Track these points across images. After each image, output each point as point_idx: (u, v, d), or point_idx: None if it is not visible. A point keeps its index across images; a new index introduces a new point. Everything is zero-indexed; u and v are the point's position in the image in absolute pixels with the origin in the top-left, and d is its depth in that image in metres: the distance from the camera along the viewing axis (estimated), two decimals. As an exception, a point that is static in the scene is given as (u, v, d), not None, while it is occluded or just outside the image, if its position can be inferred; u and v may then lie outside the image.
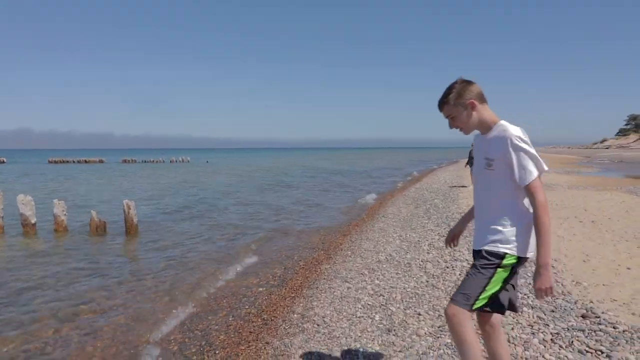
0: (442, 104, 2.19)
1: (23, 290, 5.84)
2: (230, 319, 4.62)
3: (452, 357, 3.18)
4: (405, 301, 4.45)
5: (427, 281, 5.06)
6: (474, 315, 2.23)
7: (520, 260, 2.11)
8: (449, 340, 3.44)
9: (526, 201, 2.08)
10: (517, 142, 2.00)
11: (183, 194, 18.54)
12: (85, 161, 62.17)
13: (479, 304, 2.10)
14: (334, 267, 6.22)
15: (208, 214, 12.63)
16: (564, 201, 11.39)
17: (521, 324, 3.65)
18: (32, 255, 8.01)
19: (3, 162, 60.04)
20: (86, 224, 10.25)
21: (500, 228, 2.10)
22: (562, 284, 4.66)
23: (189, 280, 6.24)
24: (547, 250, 1.98)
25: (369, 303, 4.50)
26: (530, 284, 4.71)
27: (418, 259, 6.09)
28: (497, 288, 2.11)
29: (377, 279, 5.36)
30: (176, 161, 62.28)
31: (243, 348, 3.76)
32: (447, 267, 5.53)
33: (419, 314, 4.05)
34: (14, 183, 23.88)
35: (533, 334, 3.44)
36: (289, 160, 63.14)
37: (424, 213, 10.48)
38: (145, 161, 62.85)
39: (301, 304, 4.73)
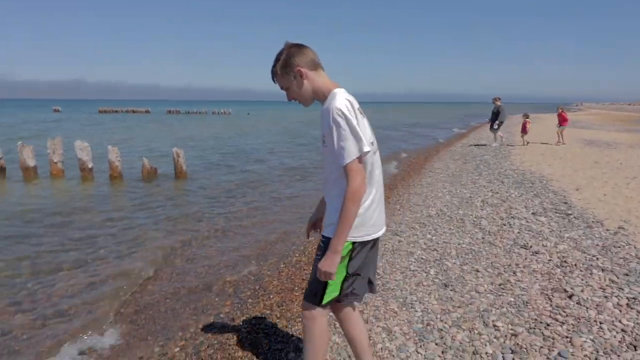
0: (272, 74, 1.91)
1: (86, 231, 6.16)
2: (281, 265, 4.66)
3: (516, 315, 3.05)
4: (461, 257, 4.31)
5: (483, 238, 4.86)
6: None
7: (360, 244, 1.87)
8: (512, 299, 3.29)
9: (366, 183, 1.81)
10: (335, 116, 1.71)
11: (229, 144, 18.81)
12: (133, 111, 64.16)
13: (327, 298, 1.93)
14: (383, 220, 6.11)
15: (253, 164, 12.76)
16: (628, 160, 10.61)
17: (591, 286, 3.43)
18: (91, 198, 8.41)
19: (58, 111, 63.03)
20: (138, 169, 10.60)
21: (333, 212, 1.83)
22: (634, 247, 4.34)
23: (238, 225, 6.35)
24: (341, 239, 1.77)
25: (423, 257, 4.39)
26: (597, 245, 4.43)
27: (471, 215, 5.87)
28: (341, 277, 1.91)
29: (429, 233, 5.22)
30: (218, 113, 63.10)
31: (297, 294, 3.79)
32: (504, 225, 5.29)
33: (477, 271, 3.91)
34: (69, 131, 25.05)
35: (606, 297, 3.23)
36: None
37: (473, 169, 10.08)
38: (188, 112, 64.06)
39: (352, 255, 4.69)
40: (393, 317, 3.16)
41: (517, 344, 2.69)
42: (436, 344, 2.76)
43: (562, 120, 15.10)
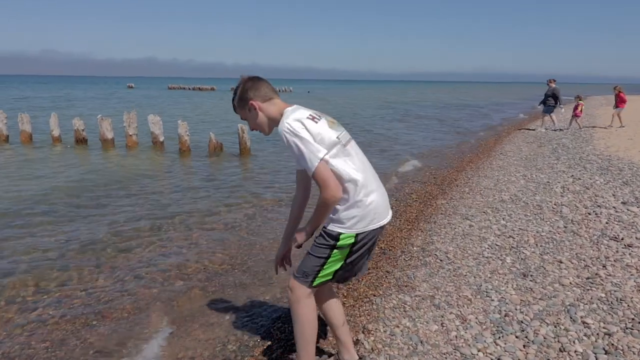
0: (233, 106, 2.08)
1: (158, 200, 6.47)
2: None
3: (608, 313, 2.76)
4: (541, 246, 3.99)
5: (565, 227, 4.48)
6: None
7: (364, 235, 1.92)
8: (603, 295, 2.99)
9: (352, 175, 1.87)
10: (288, 136, 1.82)
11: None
12: (199, 88, 66.65)
13: (318, 281, 2.00)
14: (451, 203, 5.85)
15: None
16: None
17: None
18: (163, 169, 8.84)
19: (132, 87, 67.00)
20: (205, 144, 10.97)
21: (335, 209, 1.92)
22: None
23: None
24: (308, 234, 1.98)
25: (497, 244, 4.13)
26: None
27: (550, 202, 5.43)
28: (337, 266, 1.99)
29: (503, 219, 4.90)
30: (280, 90, 63.72)
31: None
32: (589, 214, 4.84)
33: (560, 262, 3.60)
34: (142, 105, 26.49)
35: None
36: (389, 93, 61.07)
37: (550, 153, 9.36)
38: (251, 89, 65.34)
39: (420, 237, 4.52)
40: (467, 305, 2.99)
41: (612, 344, 2.43)
42: (516, 337, 2.56)
43: (620, 102, 13.51)
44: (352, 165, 1.90)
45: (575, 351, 2.37)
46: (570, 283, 3.22)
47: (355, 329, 2.81)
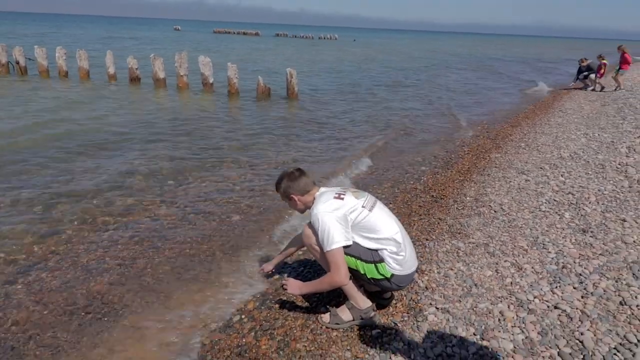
0: (276, 190, 2.44)
1: (212, 141, 6.65)
2: (396, 190, 4.61)
3: (675, 273, 2.67)
4: (603, 204, 3.85)
5: (630, 187, 4.27)
6: None
7: (394, 277, 2.19)
8: (670, 255, 2.88)
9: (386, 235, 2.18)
10: (318, 219, 2.14)
11: (337, 68, 18.58)
12: (244, 33, 65.94)
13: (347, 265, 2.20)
14: (506, 157, 5.67)
15: (360, 91, 12.52)
16: None
17: None
18: (214, 111, 9.00)
19: (178, 29, 67.17)
20: (253, 88, 11.00)
21: None
22: None
23: (347, 150, 6.37)
24: (309, 291, 2.25)
25: (555, 199, 4.01)
26: None
27: (614, 162, 5.16)
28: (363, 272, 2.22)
29: (562, 175, 4.73)
30: (324, 38, 62.14)
31: (415, 219, 3.73)
32: (658, 175, 4.58)
33: (624, 220, 3.47)
34: (189, 48, 26.63)
35: None
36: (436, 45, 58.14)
37: (615, 112, 8.76)
38: (295, 36, 64.06)
39: (472, 188, 4.46)
40: (522, 255, 2.98)
41: (677, 302, 2.37)
42: (574, 288, 2.55)
43: (624, 63, 12.04)
44: (383, 228, 2.19)
45: (637, 305, 2.34)
46: (634, 241, 3.11)
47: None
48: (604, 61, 12.33)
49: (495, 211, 3.80)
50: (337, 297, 2.53)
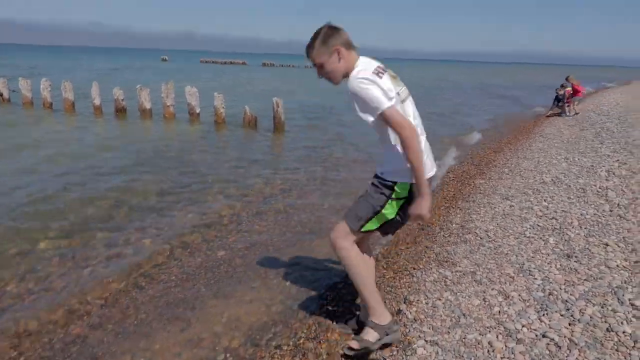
0: (309, 48, 2.02)
1: (196, 171, 6.64)
2: (383, 219, 4.61)
3: (658, 297, 2.70)
4: (586, 228, 3.90)
5: (611, 210, 4.35)
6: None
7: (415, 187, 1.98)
8: (653, 279, 2.92)
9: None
10: (361, 85, 1.86)
11: (323, 97, 18.87)
12: (231, 62, 66.89)
13: (367, 228, 2.12)
14: (490, 182, 5.76)
15: (346, 119, 12.71)
16: None
17: None
18: (199, 140, 9.01)
19: (165, 60, 67.87)
20: (240, 117, 11.08)
21: (387, 161, 2.09)
22: None
23: (336, 175, 6.40)
24: (422, 181, 1.91)
25: (539, 224, 4.06)
26: None
27: (595, 185, 5.27)
28: (389, 218, 2.10)
29: (545, 200, 4.80)
30: (310, 67, 63.21)
31: (402, 248, 3.74)
32: (637, 198, 4.67)
33: (607, 244, 3.52)
34: (176, 78, 26.84)
35: None
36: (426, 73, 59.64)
37: (593, 136, 9.00)
38: (282, 65, 65.15)
39: (458, 215, 4.50)
40: (509, 282, 2.99)
41: (662, 327, 2.38)
42: (561, 315, 2.55)
43: (576, 92, 12.93)
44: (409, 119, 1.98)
45: (624, 332, 2.34)
46: (617, 266, 3.15)
47: (397, 299, 2.87)
48: (568, 88, 13.12)
49: (481, 238, 3.82)
50: (346, 313, 2.50)
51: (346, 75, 2.01)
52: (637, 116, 12.03)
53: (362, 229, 2.13)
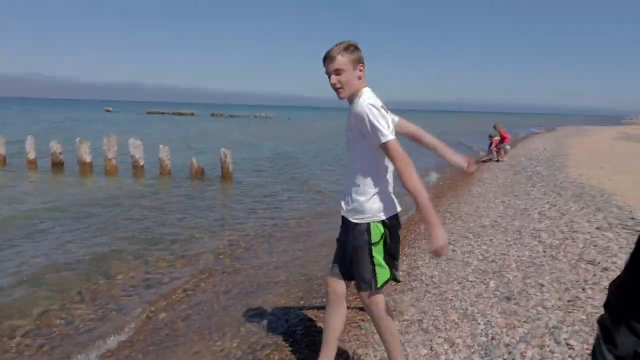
0: (335, 51, 2.01)
1: (139, 228, 6.36)
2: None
3: (590, 334, 2.83)
4: (522, 270, 4.09)
5: (545, 251, 4.61)
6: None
7: (389, 220, 2.12)
8: (584, 317, 3.07)
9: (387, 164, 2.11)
10: (372, 109, 1.95)
11: (271, 147, 19.05)
12: (180, 113, 66.45)
13: (381, 280, 2.16)
14: (434, 228, 5.94)
15: (293, 169, 12.84)
16: None
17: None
18: (143, 195, 8.70)
19: (110, 111, 66.37)
20: (187, 169, 10.89)
21: (354, 198, 2.19)
22: None
23: (285, 227, 6.37)
24: (430, 211, 1.95)
25: (480, 268, 4.21)
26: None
27: (529, 227, 5.59)
28: (382, 257, 2.14)
29: (485, 244, 5.01)
30: (260, 117, 64.23)
31: (351, 299, 3.69)
32: (566, 239, 5.00)
33: (542, 285, 3.69)
34: (121, 130, 26.19)
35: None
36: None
37: (526, 180, 9.66)
38: (231, 115, 65.62)
39: (405, 262, 4.57)
40: (454, 329, 3.03)
41: (596, 366, 2.49)
42: (504, 359, 2.60)
43: (503, 139, 14.42)
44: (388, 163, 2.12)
45: (562, 373, 2.42)
46: (552, 305, 3.30)
47: (345, 355, 2.81)
48: (496, 138, 14.35)
49: (427, 284, 3.89)
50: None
51: (350, 96, 2.08)
52: (561, 160, 13.13)
53: (379, 286, 2.16)
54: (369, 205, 2.09)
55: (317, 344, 2.94)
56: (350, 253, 2.18)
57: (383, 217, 2.09)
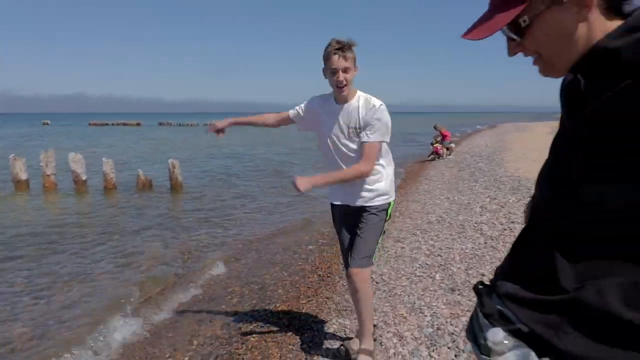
0: (350, 46, 2.15)
1: (82, 245, 6.07)
2: (284, 274, 4.62)
3: (526, 318, 3.04)
4: (465, 262, 4.31)
5: (486, 243, 4.88)
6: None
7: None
8: (520, 302, 3.29)
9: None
10: (384, 111, 2.25)
11: (220, 156, 18.76)
12: (124, 124, 63.90)
13: (375, 256, 2.46)
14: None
15: (244, 176, 12.74)
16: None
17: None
18: (86, 211, 8.31)
19: (47, 124, 62.61)
20: (133, 181, 10.51)
21: (368, 186, 2.38)
22: None
23: (237, 235, 6.31)
24: (326, 182, 2.28)
25: (427, 263, 4.39)
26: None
27: (471, 221, 5.89)
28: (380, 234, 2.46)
29: (431, 239, 5.23)
30: (207, 123, 62.89)
31: (304, 302, 3.75)
32: (505, 230, 5.32)
33: (483, 275, 3.91)
34: (60, 144, 24.81)
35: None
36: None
37: (469, 176, 10.15)
38: (180, 124, 63.93)
39: (356, 262, 4.67)
40: (403, 323, 3.15)
41: (530, 346, 2.68)
42: (449, 348, 2.74)
43: (445, 137, 15.40)
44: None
45: (500, 355, 2.58)
46: (493, 294, 3.50)
47: (298, 357, 2.84)
48: (439, 138, 15.07)
49: (377, 282, 4.00)
50: None
51: (345, 97, 2.24)
52: (501, 156, 13.90)
53: (374, 260, 2.47)
54: (388, 187, 2.38)
55: (271, 351, 2.96)
56: (362, 234, 2.35)
57: (394, 197, 2.43)
